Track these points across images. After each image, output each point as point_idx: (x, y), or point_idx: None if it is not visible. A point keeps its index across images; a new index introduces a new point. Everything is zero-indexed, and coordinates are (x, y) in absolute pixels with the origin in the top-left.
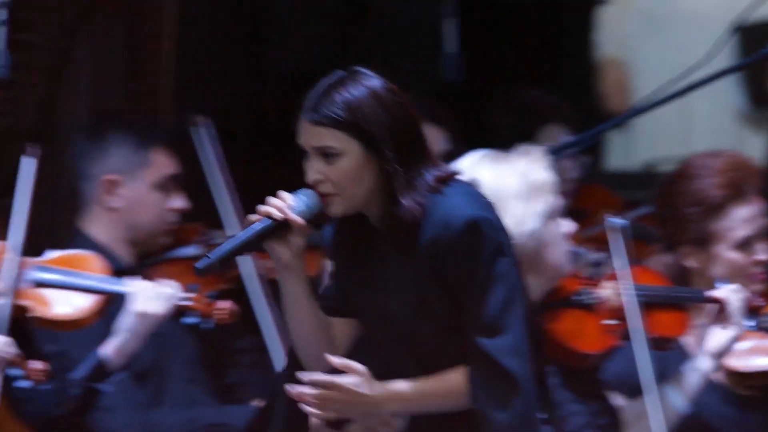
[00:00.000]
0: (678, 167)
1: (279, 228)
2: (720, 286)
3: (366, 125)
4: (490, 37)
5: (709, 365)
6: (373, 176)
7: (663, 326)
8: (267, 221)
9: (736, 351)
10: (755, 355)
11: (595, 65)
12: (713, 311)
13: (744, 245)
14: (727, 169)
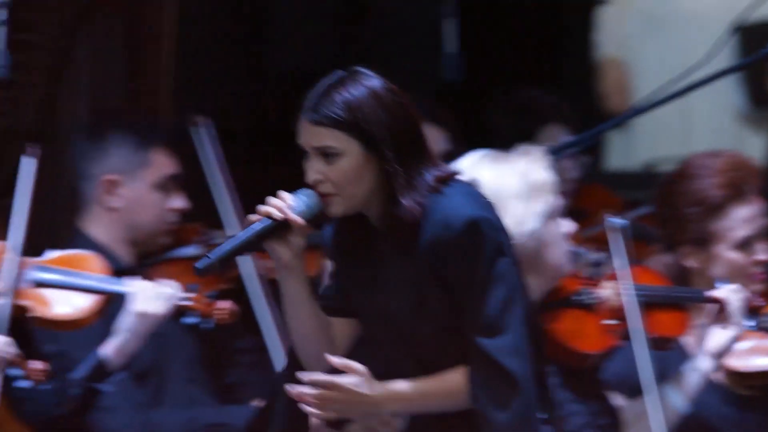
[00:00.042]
0: (678, 167)
1: (279, 228)
2: (720, 286)
3: (366, 125)
4: (490, 37)
5: (709, 365)
6: (373, 176)
7: (663, 326)
8: (267, 221)
9: (736, 351)
10: (755, 355)
11: (595, 65)
12: (713, 311)
13: (744, 245)
14: (727, 169)
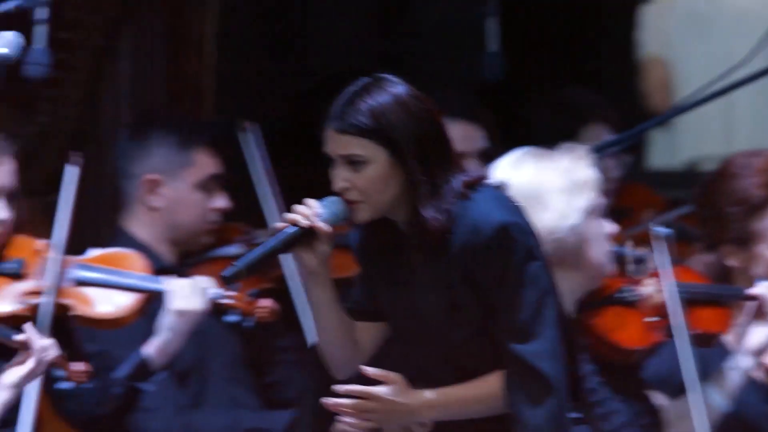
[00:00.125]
0: (719, 166)
1: (305, 235)
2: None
3: (391, 132)
4: (532, 36)
5: (749, 363)
6: (399, 183)
7: (705, 322)
8: (293, 228)
9: None
10: None
11: (638, 64)
12: (753, 309)
13: None
14: None
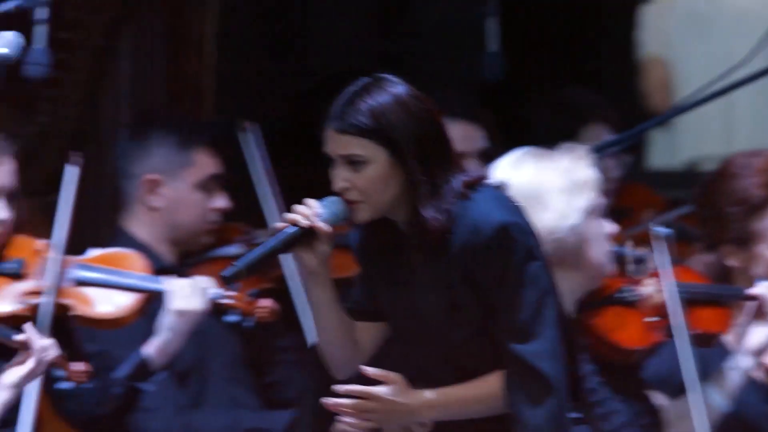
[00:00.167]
0: (719, 166)
1: (305, 235)
2: (759, 284)
3: (391, 132)
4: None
5: (749, 363)
6: (399, 183)
7: (705, 322)
8: (293, 228)
9: None
10: None
11: (638, 64)
12: (752, 309)
13: None
14: None
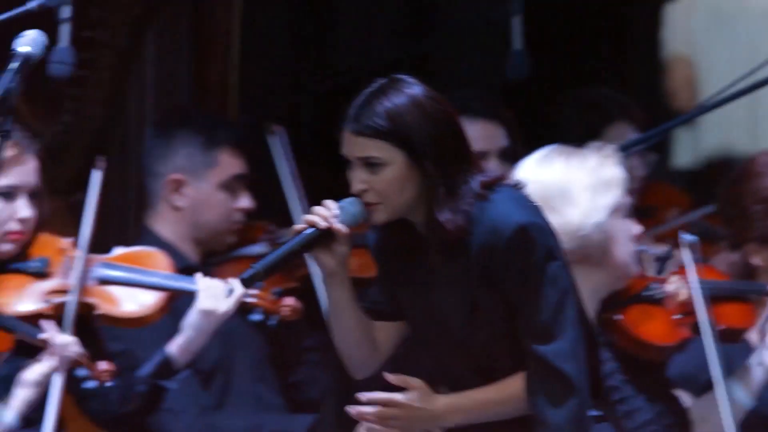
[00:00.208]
0: (743, 165)
1: (324, 237)
2: None
3: (408, 134)
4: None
5: None
6: (417, 185)
7: (730, 318)
8: (312, 230)
9: None
10: None
11: (662, 62)
12: None
13: None
14: None
